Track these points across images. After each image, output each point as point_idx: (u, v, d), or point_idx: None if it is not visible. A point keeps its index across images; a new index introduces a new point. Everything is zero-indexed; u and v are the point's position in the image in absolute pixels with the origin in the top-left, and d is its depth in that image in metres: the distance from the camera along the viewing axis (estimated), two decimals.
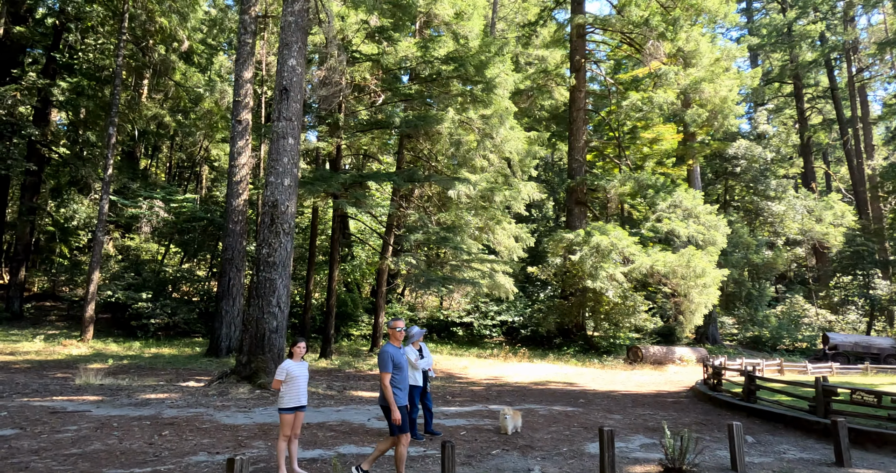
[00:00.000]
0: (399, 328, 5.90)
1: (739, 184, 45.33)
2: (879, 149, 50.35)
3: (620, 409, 11.30)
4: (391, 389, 5.55)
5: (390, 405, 5.50)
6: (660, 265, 24.27)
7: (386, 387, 5.54)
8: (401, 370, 5.69)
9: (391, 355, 5.66)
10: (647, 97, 27.39)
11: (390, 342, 5.88)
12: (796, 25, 44.68)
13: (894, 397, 8.22)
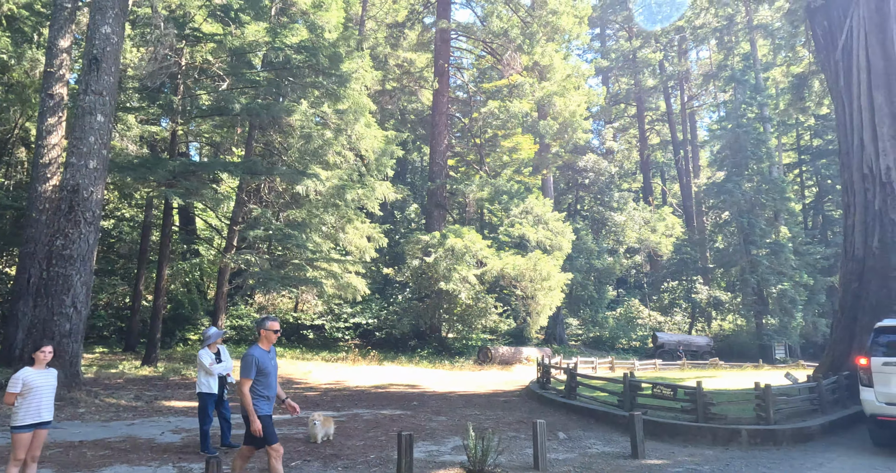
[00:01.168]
0: (276, 330, 5.27)
1: (588, 195, 48.76)
2: (704, 169, 56.82)
3: (450, 410, 11.19)
4: (250, 397, 4.93)
5: (249, 415, 4.90)
6: (509, 268, 25.11)
7: (244, 395, 4.90)
8: (268, 376, 5.09)
9: (257, 358, 5.01)
10: (503, 106, 28.33)
11: (258, 345, 5.18)
12: (640, 53, 49.06)
13: (687, 390, 8.87)
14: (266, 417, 4.99)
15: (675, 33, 48.50)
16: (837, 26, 13.74)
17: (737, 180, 39.39)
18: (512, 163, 40.58)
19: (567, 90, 29.99)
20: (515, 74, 30.46)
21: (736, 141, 39.48)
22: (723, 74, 41.30)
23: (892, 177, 12.15)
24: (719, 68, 43.36)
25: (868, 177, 12.65)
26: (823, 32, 14.34)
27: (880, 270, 12.00)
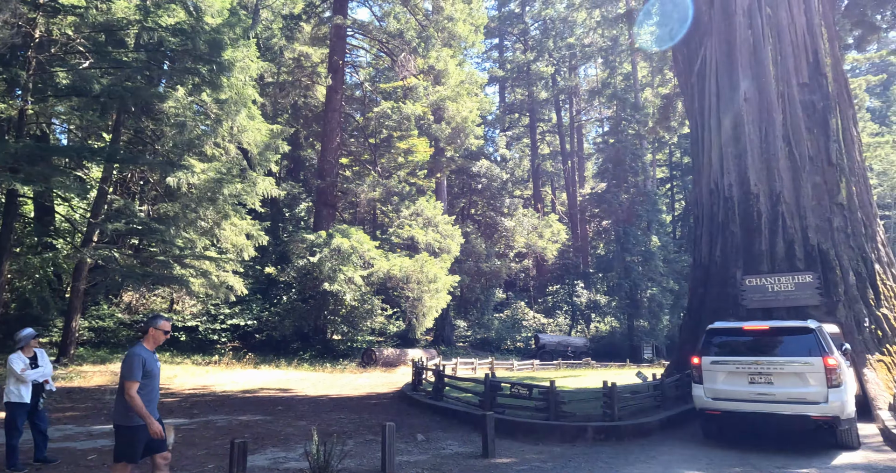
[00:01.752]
0: (167, 331, 4.92)
1: (481, 199, 49.91)
2: (589, 180, 60.22)
3: (314, 415, 10.87)
4: (139, 399, 4.49)
5: (145, 418, 4.47)
6: (396, 270, 25.04)
7: (134, 398, 4.45)
8: (152, 379, 4.71)
9: (144, 359, 4.61)
10: (397, 107, 28.27)
11: (143, 345, 4.78)
12: (534, 66, 51.06)
13: (541, 389, 9.21)
14: (142, 426, 4.55)
15: (566, 49, 51.06)
16: (695, 53, 15.01)
17: (616, 191, 42.10)
18: (407, 164, 40.58)
19: (460, 96, 30.50)
20: (411, 77, 30.55)
21: (616, 155, 42.21)
22: (606, 92, 43.99)
23: (733, 193, 13.42)
24: (604, 86, 46.14)
25: (714, 192, 13.90)
26: (683, 58, 15.62)
27: (721, 277, 13.20)
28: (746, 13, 13.90)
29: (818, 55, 13.52)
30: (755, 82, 13.60)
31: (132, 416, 4.49)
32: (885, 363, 11.14)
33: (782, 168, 12.97)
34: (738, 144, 13.55)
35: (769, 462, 7.40)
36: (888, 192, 52.64)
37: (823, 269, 12.12)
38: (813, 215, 12.57)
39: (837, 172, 12.84)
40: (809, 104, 13.24)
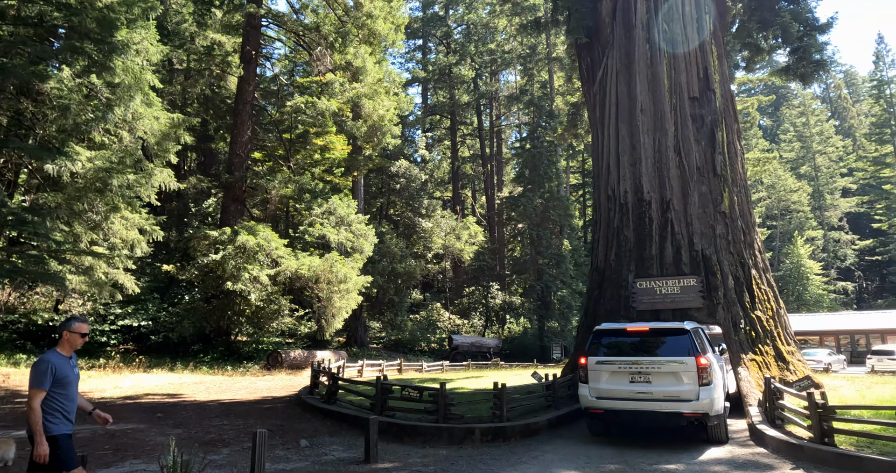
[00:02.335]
0: (84, 333, 4.39)
1: (400, 200, 49.63)
2: (508, 184, 61.45)
3: (196, 422, 10.21)
4: (40, 413, 3.99)
5: (35, 436, 3.95)
6: (305, 270, 24.29)
7: (33, 410, 3.97)
8: (67, 387, 4.20)
9: (55, 365, 4.12)
10: (311, 102, 27.51)
11: (57, 350, 4.27)
12: (455, 69, 51.44)
13: (431, 391, 9.11)
14: (65, 436, 4.13)
15: (487, 55, 51.82)
16: (597, 63, 15.53)
17: (531, 195, 43.14)
18: (323, 162, 39.66)
19: (378, 94, 30.13)
20: (328, 73, 29.85)
21: (532, 160, 43.29)
22: (524, 98, 45.02)
23: (628, 200, 13.97)
24: (521, 92, 47.19)
25: (611, 198, 14.41)
26: (587, 67, 16.13)
27: (615, 280, 13.69)
28: (645, 27, 14.53)
29: (708, 71, 14.34)
30: (651, 94, 14.22)
31: (50, 425, 4.05)
32: (756, 362, 11.92)
33: (673, 177, 13.63)
34: (633, 153, 14.11)
35: (643, 459, 7.66)
36: (776, 203, 57.23)
37: (706, 273, 12.84)
38: (699, 223, 13.29)
39: (721, 183, 13.65)
40: (699, 117, 14.01)
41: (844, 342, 36.37)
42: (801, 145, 63.59)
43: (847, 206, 60.00)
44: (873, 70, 61.00)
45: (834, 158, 63.77)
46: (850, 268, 57.57)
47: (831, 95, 79.58)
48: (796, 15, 14.84)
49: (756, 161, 44.56)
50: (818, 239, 56.83)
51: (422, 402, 9.16)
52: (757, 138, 62.70)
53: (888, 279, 54.56)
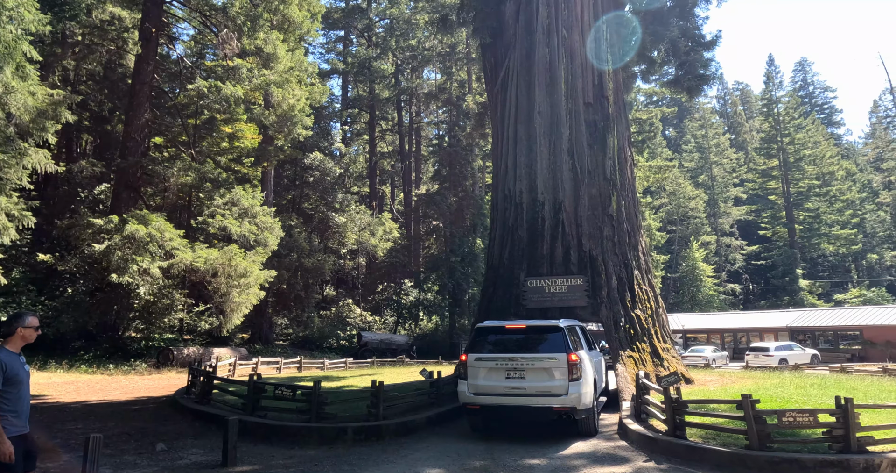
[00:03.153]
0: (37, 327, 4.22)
1: (314, 193, 48.43)
2: (426, 181, 61.55)
3: (47, 426, 9.35)
4: None
5: None
6: (201, 262, 23.08)
7: None
8: (19, 386, 4.03)
9: (5, 364, 3.93)
10: (214, 86, 26.17)
11: (5, 347, 4.06)
12: (375, 63, 50.81)
13: (305, 390, 8.81)
14: (18, 438, 3.94)
15: (409, 51, 51.56)
16: (500, 64, 15.72)
17: (446, 193, 43.38)
18: (232, 150, 37.97)
19: (289, 82, 29.14)
20: (237, 58, 28.55)
21: (449, 158, 43.55)
22: (442, 96, 45.18)
23: (523, 200, 14.23)
24: (440, 90, 47.35)
25: (508, 198, 14.63)
26: (491, 67, 16.30)
27: (508, 278, 13.91)
28: (545, 32, 14.84)
29: (603, 79, 14.87)
30: (549, 98, 14.55)
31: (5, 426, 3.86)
32: (633, 359, 12.48)
33: (566, 179, 14.01)
34: (530, 154, 14.39)
35: (511, 454, 7.75)
36: (675, 209, 60.82)
37: (592, 273, 13.30)
38: (588, 224, 13.74)
39: (610, 187, 14.19)
40: (592, 123, 14.49)
41: (729, 340, 39.20)
42: (700, 156, 67.98)
43: (738, 214, 64.77)
44: (764, 89, 66.20)
45: (728, 169, 68.68)
46: (739, 271, 62.22)
47: (728, 111, 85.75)
48: (685, 31, 15.70)
49: (658, 169, 47.15)
50: (712, 244, 61.00)
51: (294, 401, 8.83)
52: (661, 148, 66.46)
53: (771, 282, 59.41)
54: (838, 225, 59.27)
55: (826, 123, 78.97)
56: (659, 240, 55.74)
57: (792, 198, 60.22)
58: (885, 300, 48.90)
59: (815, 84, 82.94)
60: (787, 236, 59.58)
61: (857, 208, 62.34)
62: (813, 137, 62.93)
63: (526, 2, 15.17)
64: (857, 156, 76.81)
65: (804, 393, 11.48)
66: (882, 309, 34.56)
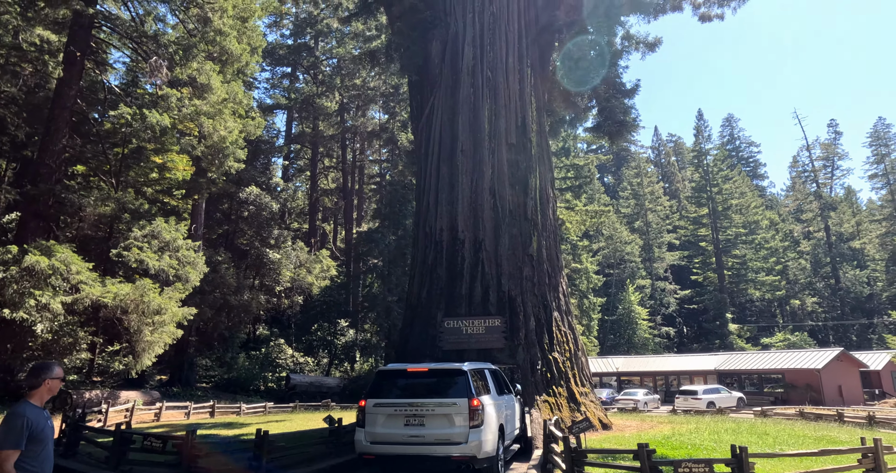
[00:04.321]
0: (62, 377, 3.78)
1: (249, 228, 46.99)
2: (367, 219, 60.98)
3: None
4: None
5: None
6: (109, 298, 21.54)
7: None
8: (43, 444, 3.53)
9: (31, 421, 3.46)
10: (138, 114, 25.20)
11: (30, 402, 3.59)
12: (320, 100, 50.74)
13: (176, 441, 7.94)
14: None
15: (354, 90, 51.83)
16: (426, 101, 15.67)
17: (385, 231, 42.92)
18: (161, 182, 36.54)
19: (222, 113, 28.46)
20: (169, 87, 27.76)
21: (390, 197, 43.30)
22: (385, 135, 45.31)
23: (443, 238, 13.95)
24: (382, 129, 47.55)
25: (429, 235, 14.32)
26: (417, 105, 16.25)
27: (425, 318, 13.44)
28: (470, 72, 14.95)
29: (526, 120, 15.00)
30: (472, 136, 14.52)
31: None
32: (549, 404, 12.11)
33: (487, 219, 13.85)
34: (452, 192, 14.21)
35: None
36: (612, 253, 62.33)
37: (511, 314, 13.00)
38: (508, 264, 13.53)
39: (531, 227, 14.11)
40: (514, 163, 14.50)
41: (661, 383, 39.62)
42: (636, 202, 70.49)
43: (672, 259, 67.00)
44: (695, 142, 69.89)
45: (662, 216, 71.40)
46: (673, 315, 63.85)
47: (662, 161, 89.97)
48: (605, 79, 16.19)
49: (595, 213, 48.30)
50: (647, 288, 62.54)
51: (164, 454, 7.94)
52: (600, 193, 68.55)
53: (703, 326, 61.17)
54: (763, 272, 62.07)
55: (751, 175, 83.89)
56: (596, 283, 56.69)
57: (721, 245, 62.89)
58: (808, 344, 51.02)
59: (741, 139, 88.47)
60: (717, 282, 61.84)
61: (780, 256, 65.64)
62: (739, 188, 66.52)
63: (452, 42, 15.31)
64: (779, 207, 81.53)
65: (716, 439, 11.35)
66: (802, 353, 35.85)
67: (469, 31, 15.28)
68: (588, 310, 51.79)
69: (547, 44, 17.04)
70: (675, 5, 20.39)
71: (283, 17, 54.97)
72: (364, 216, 58.50)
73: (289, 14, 54.88)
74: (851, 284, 64.87)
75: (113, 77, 36.51)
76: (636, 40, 19.91)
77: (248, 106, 32.68)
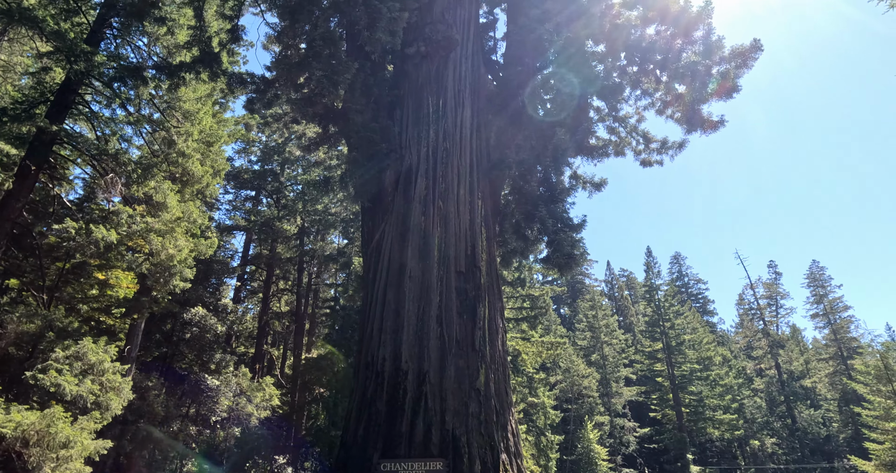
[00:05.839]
0: None
1: (190, 352, 44.38)
2: (318, 346, 58.69)
3: None
4: None
5: None
6: (9, 427, 19.15)
7: None
8: None
9: None
10: (83, 228, 24.56)
11: None
12: (279, 223, 51.14)
13: None
14: None
15: (316, 215, 52.65)
16: (377, 228, 15.71)
17: (334, 359, 41.11)
18: (102, 299, 34.81)
19: (174, 232, 28.05)
20: (122, 203, 27.57)
21: (342, 322, 42.11)
22: (342, 259, 45.27)
23: (385, 368, 13.15)
24: (340, 254, 47.63)
25: (370, 365, 13.50)
26: (368, 230, 16.26)
27: (360, 459, 12.17)
28: (422, 201, 15.22)
29: (476, 249, 15.06)
30: (421, 263, 14.38)
31: None
32: None
33: (432, 349, 13.24)
34: (397, 320, 13.71)
35: None
36: (570, 387, 60.83)
37: (454, 456, 11.92)
38: (453, 399, 12.70)
39: (479, 359, 13.52)
40: (463, 291, 14.27)
41: None
42: (591, 335, 70.58)
43: (629, 394, 65.71)
44: (645, 277, 72.27)
45: (618, 349, 71.32)
46: (633, 455, 61.05)
47: (616, 295, 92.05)
48: (552, 212, 16.74)
49: (552, 345, 47.82)
50: (606, 425, 60.39)
51: None
52: (556, 325, 68.62)
53: (664, 467, 58.37)
54: (721, 409, 61.16)
55: (701, 311, 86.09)
56: (554, 419, 54.47)
57: (677, 380, 62.35)
58: None
59: (690, 276, 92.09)
60: (675, 419, 60.32)
61: (735, 393, 65.23)
62: (691, 324, 67.72)
63: (406, 173, 15.77)
64: (730, 343, 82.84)
65: None
66: None
67: (423, 164, 15.83)
68: (545, 449, 49.14)
69: (498, 178, 17.78)
70: (618, 151, 21.99)
71: (252, 144, 57.21)
72: (315, 342, 56.36)
73: (258, 142, 57.23)
74: (808, 424, 64.22)
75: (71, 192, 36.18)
76: (583, 180, 21.07)
77: (205, 226, 32.50)
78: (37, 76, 26.34)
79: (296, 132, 38.28)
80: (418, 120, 16.44)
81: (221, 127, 35.27)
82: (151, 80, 22.53)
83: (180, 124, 27.99)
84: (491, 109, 18.72)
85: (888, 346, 50.90)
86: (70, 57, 21.28)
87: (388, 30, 14.61)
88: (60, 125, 28.12)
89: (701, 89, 17.73)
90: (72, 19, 24.73)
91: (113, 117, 27.88)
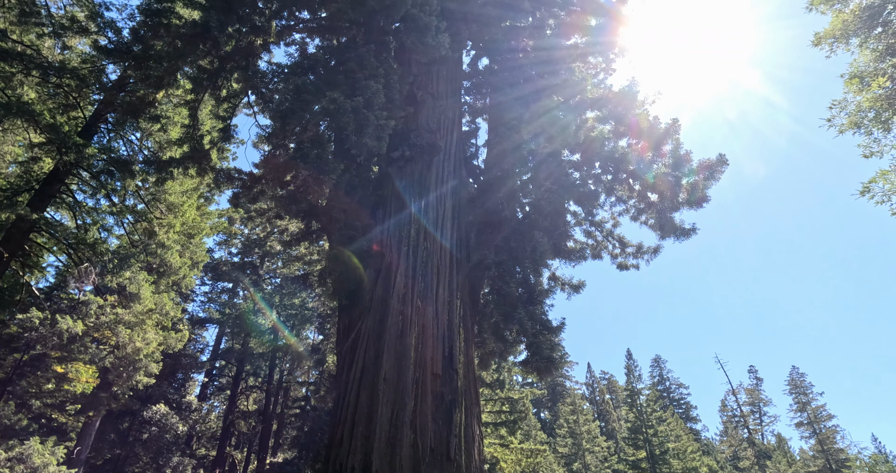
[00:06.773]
0: None
1: (147, 454, 41.41)
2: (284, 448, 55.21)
3: None
4: None
5: None
6: None
7: None
8: None
9: None
10: (48, 318, 23.77)
11: None
12: (252, 317, 50.11)
13: None
14: None
15: (293, 309, 51.81)
16: (353, 326, 15.43)
17: (301, 463, 38.59)
18: (57, 394, 32.90)
19: (143, 324, 27.24)
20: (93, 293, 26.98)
21: (312, 423, 40.01)
22: (316, 357, 43.94)
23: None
24: (314, 350, 46.33)
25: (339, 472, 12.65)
26: (343, 328, 15.95)
27: None
28: (401, 300, 15.11)
29: (453, 351, 14.77)
30: (397, 365, 13.99)
31: None
32: None
33: (405, 457, 12.53)
34: (370, 424, 13.06)
35: None
36: None
37: None
38: None
39: (454, 468, 12.78)
40: (439, 395, 13.79)
41: None
42: (573, 442, 67.69)
43: None
44: (626, 381, 70.86)
45: (601, 457, 68.18)
46: None
47: (597, 399, 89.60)
48: (531, 314, 16.68)
49: (531, 452, 45.70)
50: None
51: None
52: (536, 430, 65.92)
53: None
54: None
55: (684, 417, 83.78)
56: None
57: None
58: None
59: (671, 380, 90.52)
60: None
61: None
62: (674, 431, 65.53)
63: (385, 271, 15.80)
64: (716, 453, 79.84)
65: None
66: None
67: (403, 263, 15.92)
68: None
69: (478, 279, 17.87)
70: (595, 254, 22.44)
71: (233, 237, 57.34)
72: (282, 444, 53.09)
73: (240, 234, 57.44)
74: None
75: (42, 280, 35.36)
76: (562, 282, 21.28)
77: (177, 318, 31.69)
78: (25, 165, 26.71)
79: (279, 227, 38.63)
80: (400, 220, 16.78)
81: (205, 219, 35.53)
82: (139, 173, 22.95)
83: (163, 216, 28.14)
84: (472, 210, 19.23)
85: (876, 459, 49.47)
86: (62, 148, 21.75)
87: (375, 135, 15.31)
88: (41, 213, 28.13)
89: (672, 199, 18.54)
90: (69, 113, 25.60)
91: (96, 207, 27.99)
